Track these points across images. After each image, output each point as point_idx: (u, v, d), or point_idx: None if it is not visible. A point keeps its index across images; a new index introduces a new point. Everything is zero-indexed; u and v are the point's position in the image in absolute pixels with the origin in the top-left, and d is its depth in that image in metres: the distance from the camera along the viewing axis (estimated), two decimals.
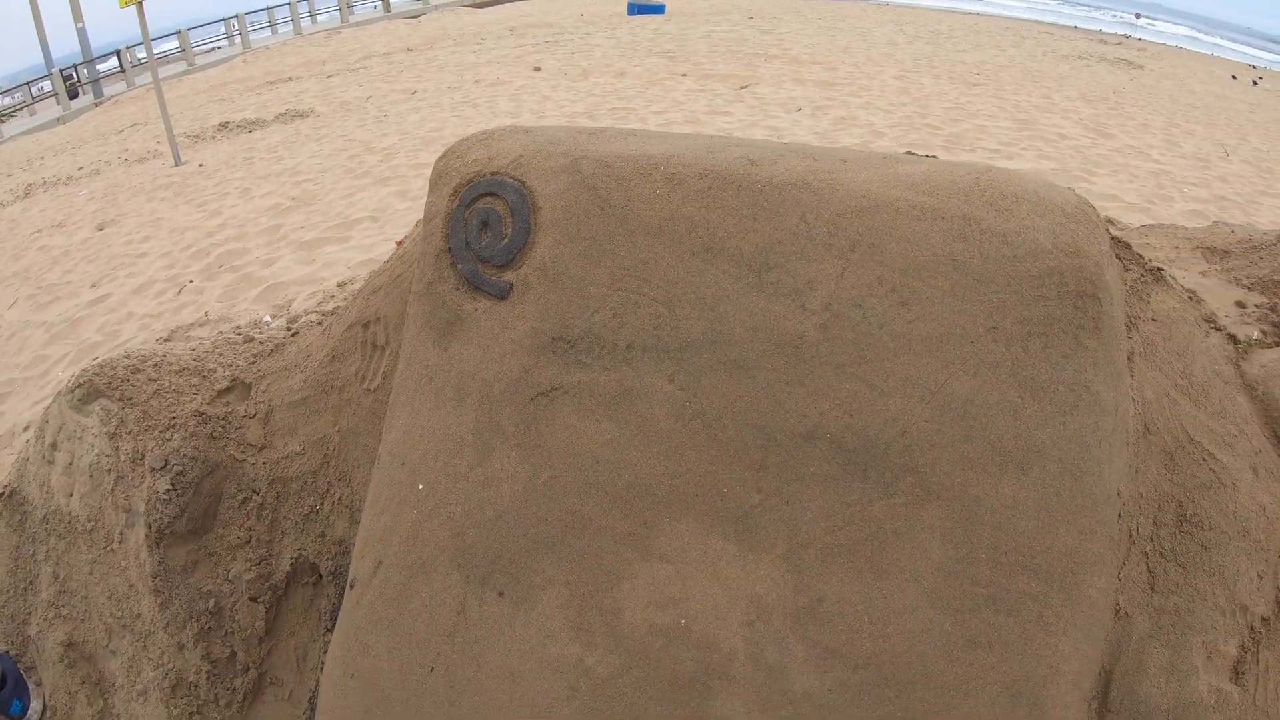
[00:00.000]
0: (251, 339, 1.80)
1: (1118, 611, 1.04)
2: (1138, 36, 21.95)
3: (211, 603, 1.43)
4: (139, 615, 1.48)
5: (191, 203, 6.15)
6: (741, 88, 7.53)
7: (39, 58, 26.47)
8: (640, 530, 0.92)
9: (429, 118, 7.51)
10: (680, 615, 0.92)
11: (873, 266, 0.86)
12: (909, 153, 1.20)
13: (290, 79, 14.11)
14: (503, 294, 0.94)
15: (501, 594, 1.00)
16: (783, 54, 9.93)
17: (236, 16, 26.12)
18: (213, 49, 27.39)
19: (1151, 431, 1.10)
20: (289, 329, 1.79)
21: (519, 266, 0.92)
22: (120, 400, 1.60)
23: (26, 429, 3.13)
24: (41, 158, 13.50)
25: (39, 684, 1.61)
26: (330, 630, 1.39)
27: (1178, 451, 1.12)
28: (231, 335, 1.92)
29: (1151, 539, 1.06)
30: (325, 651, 1.33)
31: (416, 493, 1.07)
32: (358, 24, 24.97)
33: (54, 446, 1.70)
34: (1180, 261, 1.75)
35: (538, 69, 9.72)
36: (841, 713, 0.91)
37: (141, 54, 17.47)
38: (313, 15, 27.96)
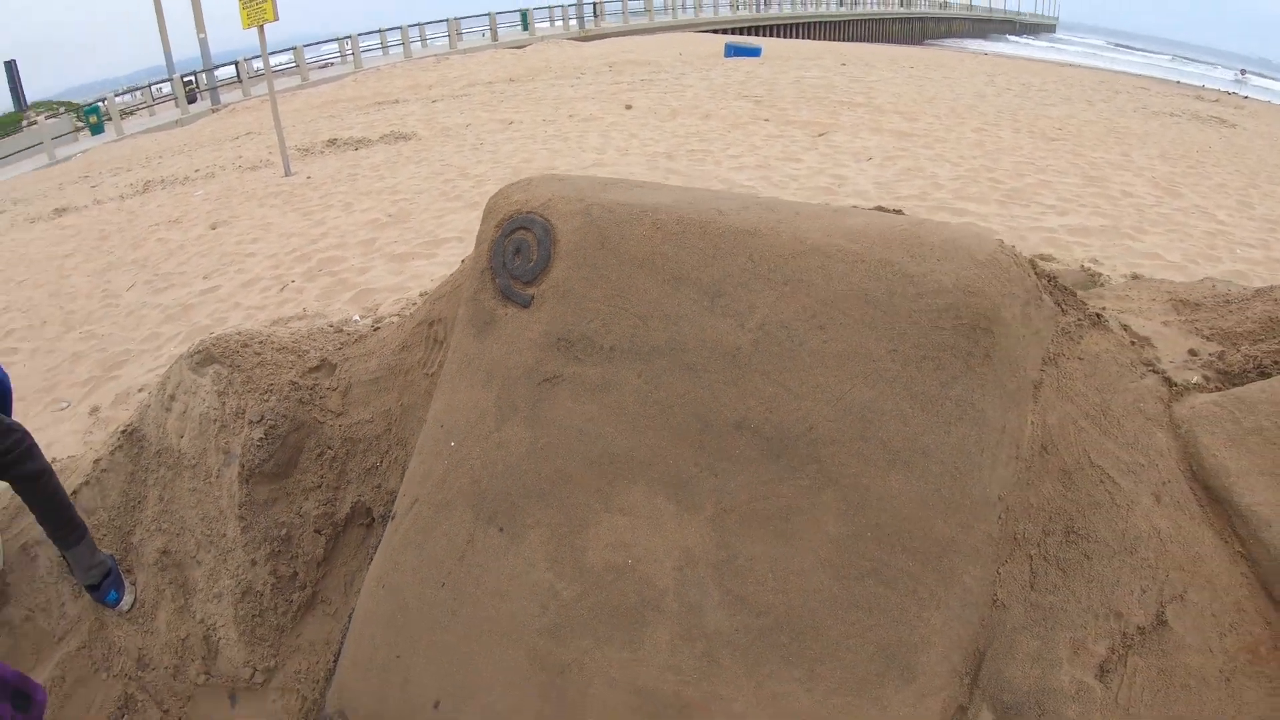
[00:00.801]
0: (341, 330, 2.22)
1: (995, 601, 1.28)
2: (1241, 94, 21.14)
3: (284, 531, 1.81)
4: (224, 535, 1.87)
5: (298, 211, 6.89)
6: (818, 135, 7.82)
7: (160, 60, 29.07)
8: (606, 488, 1.24)
9: (521, 149, 8.14)
10: (628, 557, 1.22)
11: (800, 297, 1.16)
12: (896, 210, 1.49)
13: (397, 101, 15.31)
14: (526, 304, 1.28)
15: (501, 530, 1.34)
16: (867, 102, 10.17)
17: (350, 37, 28.43)
18: (326, 64, 29.74)
19: (1049, 452, 1.34)
20: (373, 327, 2.20)
21: (539, 284, 1.27)
22: (230, 366, 2.02)
23: (140, 390, 3.67)
24: (160, 157, 15.01)
25: (133, 583, 2.01)
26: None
27: (1076, 472, 1.35)
28: (325, 327, 2.35)
29: (1038, 544, 1.29)
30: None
31: (449, 449, 1.42)
32: (465, 51, 26.60)
33: (172, 398, 2.14)
34: (1149, 311, 1.95)
35: (629, 107, 10.33)
36: (744, 650, 1.19)
37: (258, 65, 19.08)
38: (423, 40, 30.25)
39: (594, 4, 34.58)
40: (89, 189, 13.06)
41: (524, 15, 31.86)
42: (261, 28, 8.79)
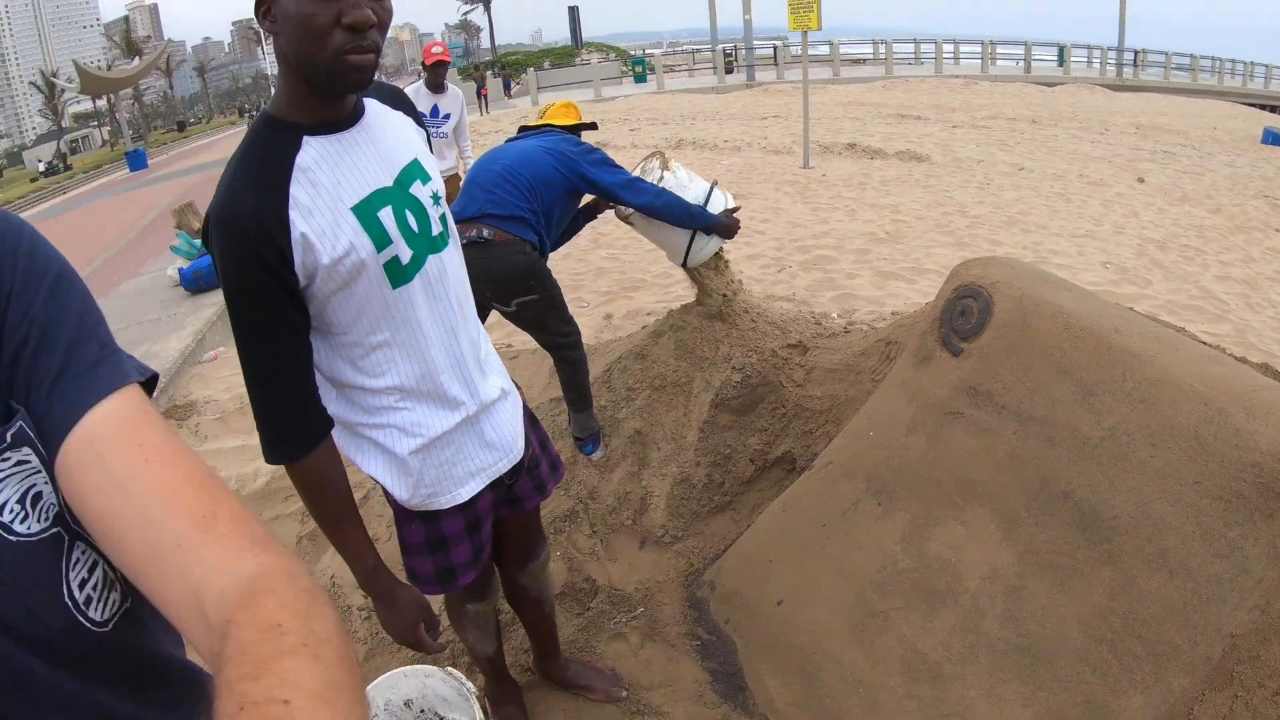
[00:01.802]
0: (819, 323, 3.34)
1: (1189, 715, 1.81)
2: None
3: (727, 451, 2.99)
4: (684, 437, 3.13)
5: (808, 204, 8.63)
6: None
7: (705, 24, 35.38)
8: (960, 502, 2.09)
9: (1024, 199, 9.03)
10: (955, 556, 2.06)
11: (1147, 416, 1.84)
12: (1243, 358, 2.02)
13: (919, 118, 17.52)
14: (956, 354, 2.17)
15: (879, 504, 2.27)
16: None
17: (885, 42, 31.67)
18: (858, 61, 33.71)
19: None
20: (845, 328, 3.27)
21: (970, 342, 2.14)
22: (727, 325, 3.25)
23: (649, 314, 5.35)
24: (693, 119, 18.87)
25: (607, 445, 3.38)
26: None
27: None
28: (807, 315, 3.50)
29: (1248, 690, 1.74)
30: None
31: (868, 436, 2.39)
32: (994, 78, 28.88)
33: (662, 334, 3.46)
34: None
35: (1141, 180, 10.67)
36: (996, 655, 1.95)
37: (796, 50, 22.18)
38: (956, 57, 33.72)
39: (1135, 52, 35.88)
40: (628, 131, 17.23)
41: (1061, 51, 33.91)
42: (805, 34, 11.17)
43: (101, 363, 0.65)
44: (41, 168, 69.88)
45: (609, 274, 6.41)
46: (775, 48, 34.27)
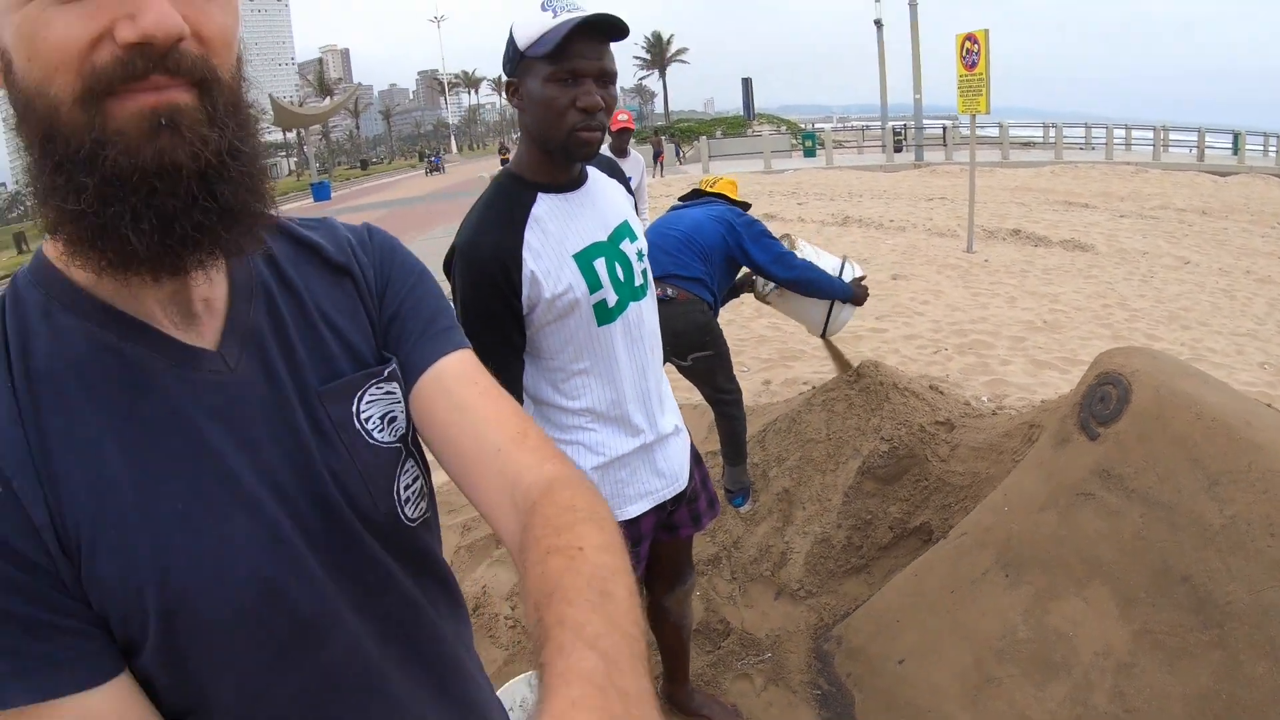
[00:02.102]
0: (968, 404, 3.50)
1: None
2: None
3: (869, 516, 3.19)
4: (830, 500, 3.34)
5: (969, 289, 8.76)
6: None
7: (875, 99, 35.79)
8: (1083, 579, 2.22)
9: (1187, 293, 8.92)
10: (1072, 629, 2.20)
11: (1268, 506, 1.94)
12: None
13: (1086, 205, 17.39)
14: (1093, 438, 2.32)
15: (1006, 576, 2.43)
16: None
17: (1055, 125, 31.09)
18: (1028, 144, 33.16)
19: None
20: (993, 411, 3.40)
21: (1108, 427, 2.29)
22: (879, 399, 3.45)
23: (805, 383, 5.58)
24: (860, 196, 19.26)
25: (755, 500, 3.63)
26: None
27: None
28: (959, 397, 3.65)
29: None
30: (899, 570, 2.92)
31: (1003, 511, 2.55)
32: (1165, 166, 27.74)
33: (816, 402, 3.68)
34: None
35: None
36: None
37: (965, 130, 22.07)
38: (1128, 144, 33.28)
39: None
40: (795, 205, 17.66)
41: (1236, 138, 32.20)
42: (974, 117, 11.37)
43: (450, 330, 0.96)
44: None
45: (770, 342, 6.72)
46: (944, 128, 34.12)
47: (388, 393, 0.88)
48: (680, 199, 3.70)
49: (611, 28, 1.64)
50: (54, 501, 0.63)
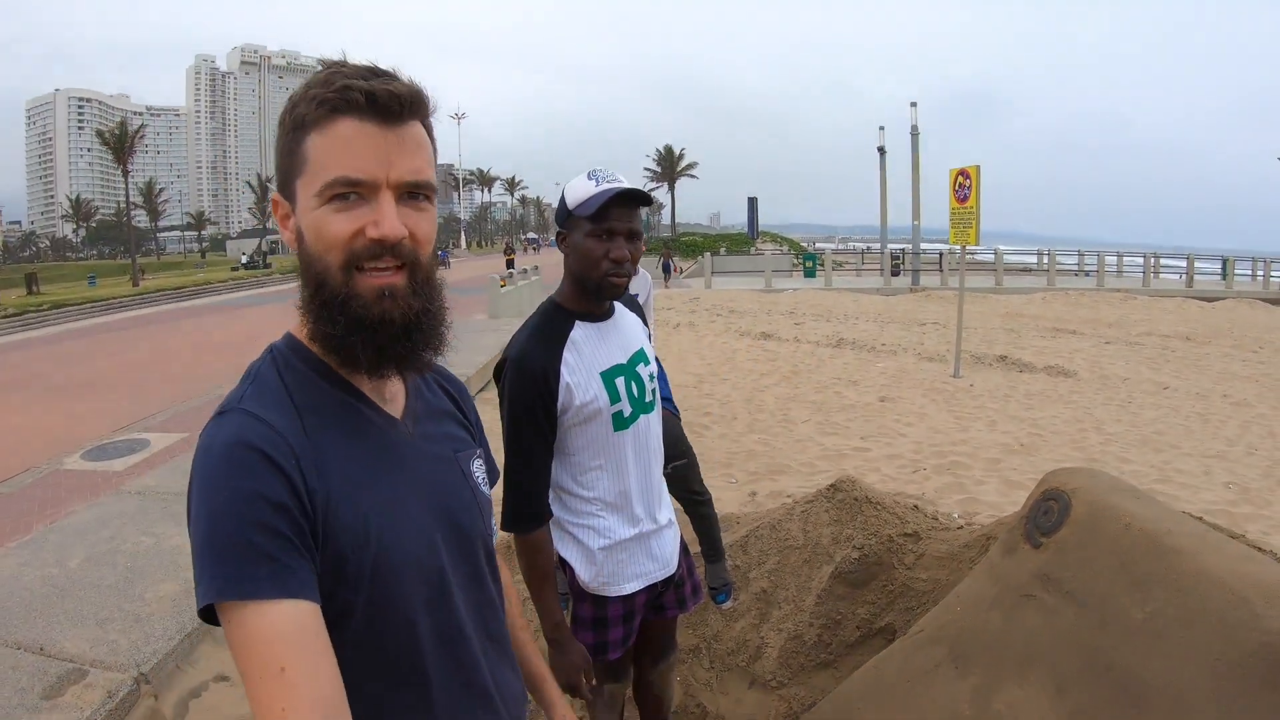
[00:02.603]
0: (936, 519, 3.80)
1: None
2: None
3: (838, 616, 3.45)
4: (803, 600, 3.60)
5: (951, 413, 9.20)
6: None
7: (875, 220, 37.20)
8: (1020, 672, 2.50)
9: (1162, 418, 9.37)
10: (1011, 713, 2.47)
11: (1183, 604, 2.22)
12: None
13: (1074, 332, 18.21)
14: (1036, 546, 2.64)
15: (956, 668, 2.70)
16: None
17: (1048, 253, 33.28)
18: (1024, 270, 34.71)
19: None
20: (960, 526, 3.71)
21: (1049, 536, 2.60)
22: (853, 509, 3.76)
23: (788, 496, 5.88)
24: (856, 318, 19.86)
25: (736, 597, 3.88)
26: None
27: None
28: (929, 512, 3.96)
29: None
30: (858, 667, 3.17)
31: (955, 610, 2.83)
32: (1154, 292, 29.51)
33: (796, 511, 3.99)
34: None
35: None
36: None
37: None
38: (1120, 271, 35.24)
39: None
40: (793, 324, 18.26)
41: (1224, 263, 34.47)
42: (964, 247, 12.21)
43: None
44: (244, 260, 78.84)
45: (759, 457, 7.05)
46: (941, 254, 35.30)
47: (483, 463, 1.30)
48: None
49: (641, 197, 2.06)
50: (316, 481, 0.97)
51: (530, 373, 2.07)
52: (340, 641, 0.96)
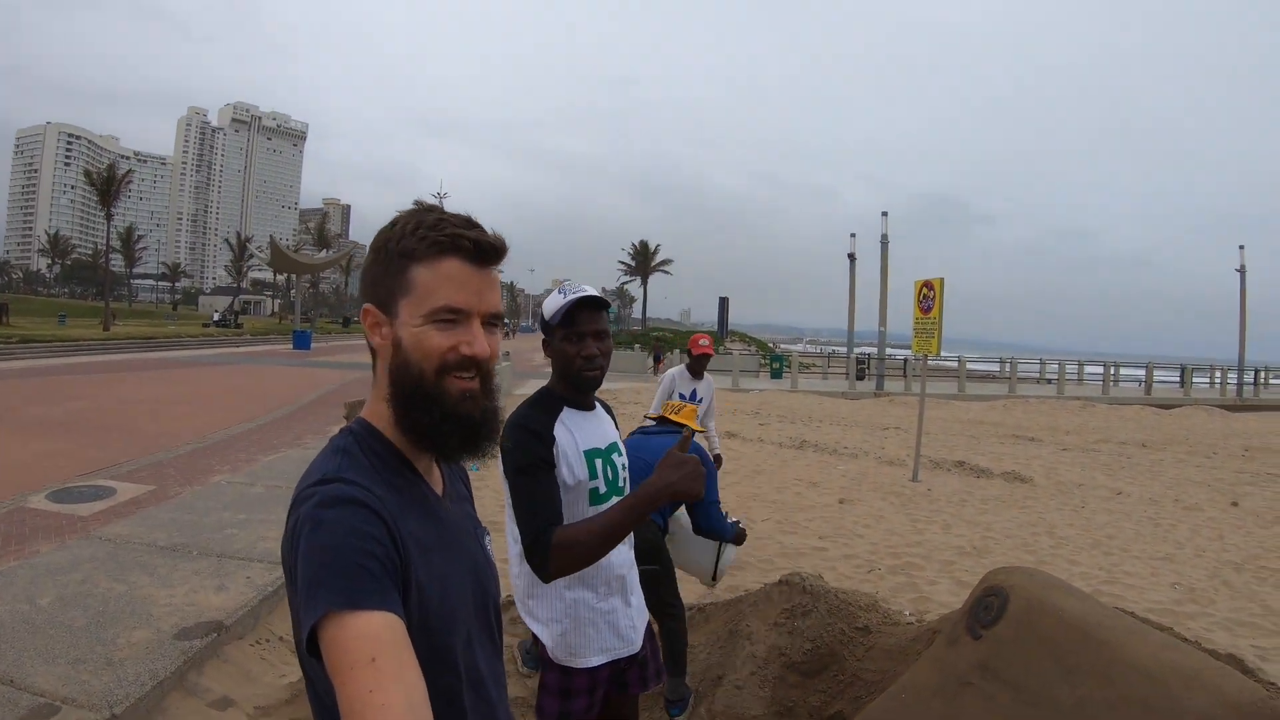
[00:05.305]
0: (888, 616, 4.01)
1: None
2: None
3: (790, 704, 3.61)
4: (760, 688, 3.75)
5: (909, 516, 9.48)
6: None
7: (844, 324, 38.34)
8: None
9: (1113, 522, 9.70)
10: None
11: (1109, 690, 2.45)
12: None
13: (1032, 439, 18.72)
14: (977, 637, 2.86)
15: None
16: None
17: (1011, 361, 34.86)
18: (986, 377, 36.04)
19: None
20: (910, 621, 3.92)
21: (989, 629, 2.83)
22: (810, 596, 3.96)
23: (745, 590, 6.04)
24: (820, 421, 20.47)
25: (690, 712, 4.01)
26: None
27: None
28: (885, 610, 4.17)
29: None
30: None
31: (900, 698, 3.03)
32: (1113, 401, 31.11)
33: (757, 606, 4.17)
34: None
35: (1235, 504, 11.27)
36: None
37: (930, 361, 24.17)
38: (1080, 378, 37.77)
39: (1257, 370, 41.18)
40: (757, 425, 18.61)
41: (1183, 372, 37.38)
42: (925, 360, 12.82)
43: None
44: (216, 317, 77.85)
45: None
46: (906, 359, 36.25)
47: (490, 539, 1.53)
48: (648, 416, 4.44)
49: (602, 302, 2.39)
50: (399, 536, 1.16)
51: (532, 430, 2.33)
52: None
